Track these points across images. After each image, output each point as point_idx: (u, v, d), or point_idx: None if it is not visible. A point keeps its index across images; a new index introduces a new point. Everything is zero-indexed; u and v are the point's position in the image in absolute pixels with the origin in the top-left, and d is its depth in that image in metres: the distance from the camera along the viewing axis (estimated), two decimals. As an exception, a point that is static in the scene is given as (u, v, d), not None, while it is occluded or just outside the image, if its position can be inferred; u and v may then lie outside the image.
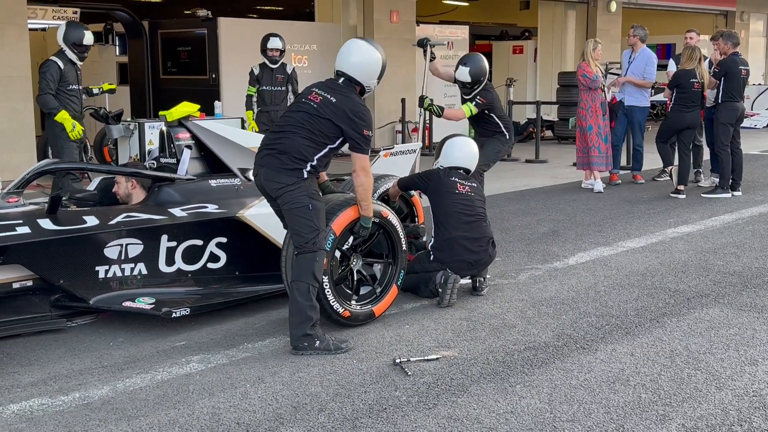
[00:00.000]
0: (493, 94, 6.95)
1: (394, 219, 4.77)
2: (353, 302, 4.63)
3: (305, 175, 4.20)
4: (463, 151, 5.42)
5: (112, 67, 13.87)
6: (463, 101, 7.03)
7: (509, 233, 7.12)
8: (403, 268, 4.85)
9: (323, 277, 4.30)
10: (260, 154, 4.33)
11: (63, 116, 7.02)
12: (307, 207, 4.17)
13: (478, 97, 6.89)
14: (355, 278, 4.77)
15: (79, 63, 7.33)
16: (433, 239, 5.19)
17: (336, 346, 4.19)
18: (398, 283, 4.85)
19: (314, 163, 4.23)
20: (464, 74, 6.87)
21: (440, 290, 4.99)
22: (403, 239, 4.82)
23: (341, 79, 4.38)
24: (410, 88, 14.29)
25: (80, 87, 7.33)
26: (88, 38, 7.29)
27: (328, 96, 4.31)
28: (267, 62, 9.08)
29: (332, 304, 4.44)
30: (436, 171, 5.35)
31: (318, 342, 4.16)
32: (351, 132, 4.25)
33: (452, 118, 6.98)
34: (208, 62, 12.45)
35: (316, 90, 4.37)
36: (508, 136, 7.17)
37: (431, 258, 5.13)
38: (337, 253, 4.60)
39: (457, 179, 5.25)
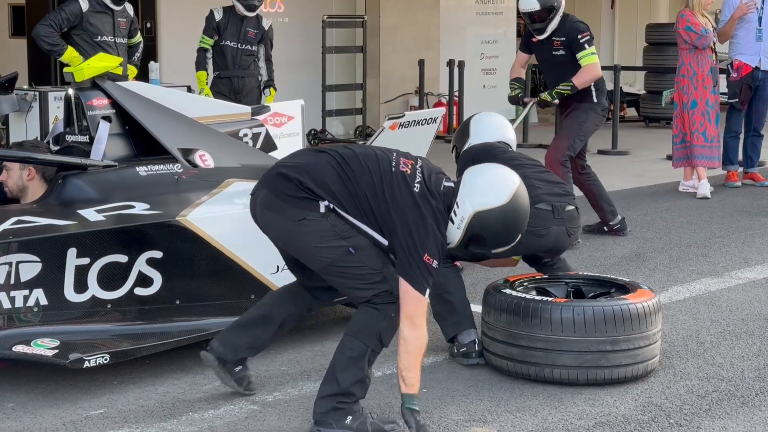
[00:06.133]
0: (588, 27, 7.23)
1: None
2: None
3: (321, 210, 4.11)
4: (493, 122, 5.68)
5: (2, 12, 13.92)
6: (537, 50, 7.23)
7: (575, 257, 7.11)
8: None
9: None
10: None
11: (71, 54, 7.76)
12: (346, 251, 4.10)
13: (580, 35, 7.18)
14: None
15: (116, 8, 7.98)
16: None
17: (377, 429, 4.08)
18: None
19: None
20: (530, 1, 7.00)
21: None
22: None
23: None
24: (432, 45, 14.31)
25: (117, 40, 8.04)
26: None
27: None
28: (242, 9, 9.02)
29: None
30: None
31: (350, 419, 4.06)
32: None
33: (588, 81, 7.25)
34: (140, 5, 12.47)
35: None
36: (598, 100, 7.36)
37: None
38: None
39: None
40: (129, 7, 8.26)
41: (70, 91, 5.55)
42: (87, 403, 4.50)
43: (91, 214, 4.91)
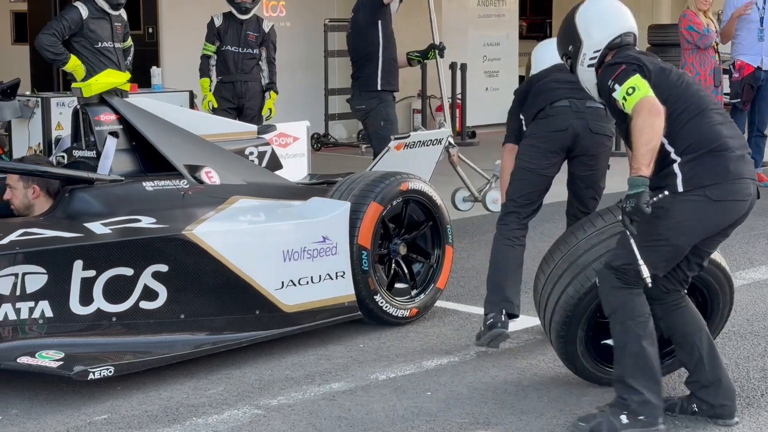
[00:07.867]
0: None
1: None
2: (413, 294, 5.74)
3: None
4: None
5: (5, 18, 13.95)
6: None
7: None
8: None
9: (376, 296, 5.45)
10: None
11: (74, 63, 7.81)
12: None
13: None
14: (392, 269, 5.71)
15: (113, 12, 8.01)
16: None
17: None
18: (450, 241, 5.87)
19: None
20: None
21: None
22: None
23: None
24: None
25: (116, 45, 8.06)
26: None
27: None
28: (234, 11, 9.09)
29: (394, 312, 5.56)
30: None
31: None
32: None
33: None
34: (142, 11, 12.51)
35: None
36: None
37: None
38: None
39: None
40: (122, 12, 8.29)
41: (78, 106, 5.59)
42: (91, 408, 4.52)
43: (97, 227, 4.93)
